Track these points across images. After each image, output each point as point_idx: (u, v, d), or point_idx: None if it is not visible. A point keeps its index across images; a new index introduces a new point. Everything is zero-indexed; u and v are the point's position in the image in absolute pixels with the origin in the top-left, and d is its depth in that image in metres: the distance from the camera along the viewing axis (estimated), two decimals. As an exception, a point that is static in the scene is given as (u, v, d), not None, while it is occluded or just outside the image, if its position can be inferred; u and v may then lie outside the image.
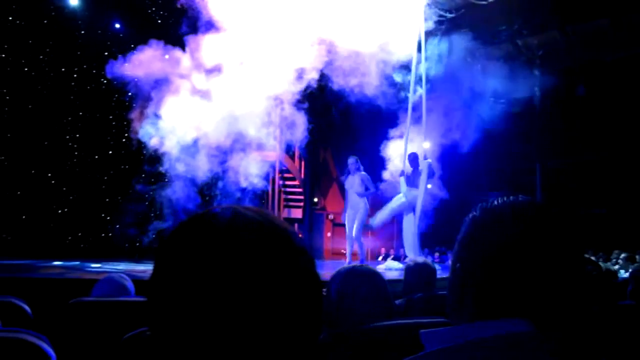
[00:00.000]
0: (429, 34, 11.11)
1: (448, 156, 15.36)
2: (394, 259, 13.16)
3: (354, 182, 10.44)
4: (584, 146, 16.45)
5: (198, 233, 0.82)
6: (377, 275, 2.78)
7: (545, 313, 1.02)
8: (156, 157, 10.71)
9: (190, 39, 10.11)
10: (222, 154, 10.67)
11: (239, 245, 0.80)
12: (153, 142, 10.30)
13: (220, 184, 11.06)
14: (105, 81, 10.99)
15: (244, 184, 11.06)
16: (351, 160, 10.48)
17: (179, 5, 10.00)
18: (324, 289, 3.51)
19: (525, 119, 15.83)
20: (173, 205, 11.02)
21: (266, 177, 14.69)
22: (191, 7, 9.84)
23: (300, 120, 12.02)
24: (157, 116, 10.24)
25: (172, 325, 0.78)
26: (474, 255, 1.10)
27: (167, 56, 10.36)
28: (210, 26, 9.83)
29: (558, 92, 15.63)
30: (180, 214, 10.68)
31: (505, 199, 1.13)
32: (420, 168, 10.79)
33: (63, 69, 12.59)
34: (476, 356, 0.98)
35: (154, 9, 12.87)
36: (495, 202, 1.13)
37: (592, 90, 16.33)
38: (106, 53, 10.30)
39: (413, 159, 10.97)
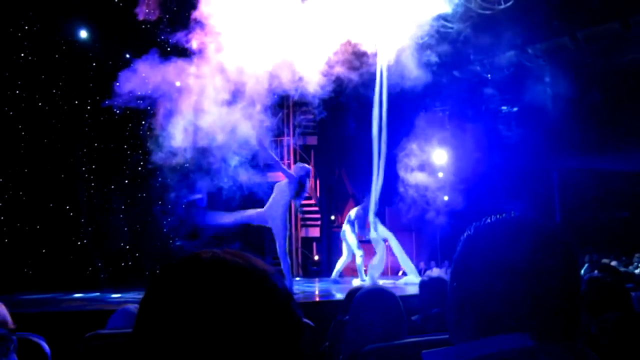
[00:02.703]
0: (437, 46, 11.03)
1: (464, 167, 15.31)
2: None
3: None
4: (601, 150, 16.28)
5: (181, 278, 0.86)
6: (391, 295, 2.78)
7: (544, 327, 1.00)
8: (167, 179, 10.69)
9: (196, 52, 9.97)
10: (237, 175, 10.63)
11: (220, 288, 0.84)
12: (162, 160, 10.15)
13: (235, 205, 11.00)
14: (118, 111, 11.07)
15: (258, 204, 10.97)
16: None
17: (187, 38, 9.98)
18: (343, 311, 3.51)
19: (539, 125, 15.71)
20: (188, 230, 11.02)
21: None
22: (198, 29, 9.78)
23: (314, 138, 11.92)
24: (165, 132, 10.12)
25: None
26: (470, 274, 1.10)
27: (178, 83, 10.32)
28: (218, 45, 9.66)
29: (571, 97, 15.48)
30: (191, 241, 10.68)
31: (498, 216, 1.13)
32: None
33: (76, 102, 12.71)
34: None
35: (162, 37, 12.98)
36: (489, 220, 1.13)
37: (606, 93, 16.16)
38: (118, 83, 10.35)
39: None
